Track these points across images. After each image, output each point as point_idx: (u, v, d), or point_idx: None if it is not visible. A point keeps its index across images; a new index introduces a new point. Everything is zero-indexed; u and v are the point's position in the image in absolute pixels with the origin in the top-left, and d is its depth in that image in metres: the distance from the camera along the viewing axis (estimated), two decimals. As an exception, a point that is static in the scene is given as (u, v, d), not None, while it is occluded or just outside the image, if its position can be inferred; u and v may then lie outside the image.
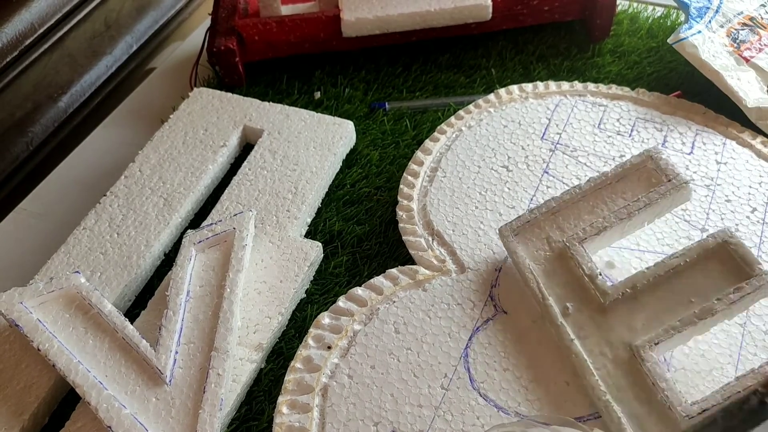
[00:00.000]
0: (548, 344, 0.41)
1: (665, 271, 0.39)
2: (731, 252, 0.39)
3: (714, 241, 0.39)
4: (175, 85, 0.66)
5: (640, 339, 0.38)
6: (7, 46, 0.60)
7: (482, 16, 0.61)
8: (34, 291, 0.43)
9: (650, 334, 0.38)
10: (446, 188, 0.50)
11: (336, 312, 0.43)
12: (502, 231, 0.44)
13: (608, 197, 0.44)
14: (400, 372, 0.40)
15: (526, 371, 0.40)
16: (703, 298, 0.38)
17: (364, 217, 0.52)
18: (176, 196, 0.51)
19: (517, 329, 0.42)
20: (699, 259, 0.39)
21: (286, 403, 0.39)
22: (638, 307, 0.39)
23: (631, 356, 0.38)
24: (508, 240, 0.44)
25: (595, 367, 0.38)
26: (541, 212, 0.44)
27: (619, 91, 0.57)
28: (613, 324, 0.39)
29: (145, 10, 0.76)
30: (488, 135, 0.54)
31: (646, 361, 0.37)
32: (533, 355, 0.41)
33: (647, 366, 0.37)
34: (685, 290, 0.39)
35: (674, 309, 0.38)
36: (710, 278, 0.38)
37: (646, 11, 0.68)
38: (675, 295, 0.39)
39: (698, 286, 0.38)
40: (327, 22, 0.61)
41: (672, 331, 0.37)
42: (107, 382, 0.40)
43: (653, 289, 0.39)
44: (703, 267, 0.39)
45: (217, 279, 0.44)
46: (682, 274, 0.39)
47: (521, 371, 0.40)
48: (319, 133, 0.55)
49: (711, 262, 0.39)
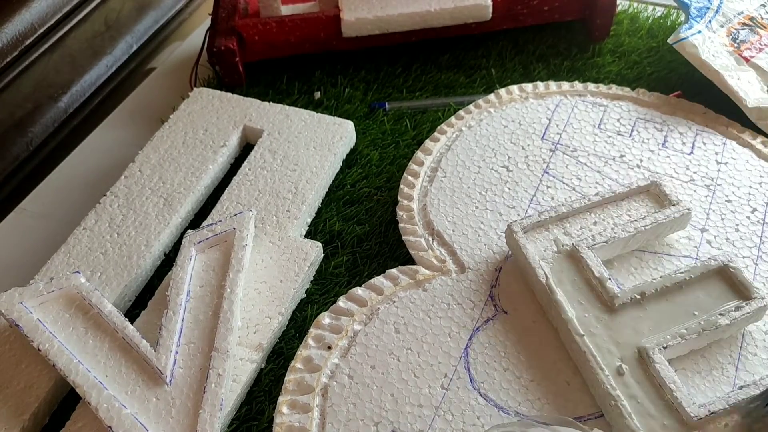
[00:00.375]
0: (548, 344, 0.41)
1: (672, 284, 0.41)
2: (731, 275, 0.41)
3: (716, 264, 0.42)
4: (175, 85, 0.66)
5: (648, 342, 0.38)
6: (7, 46, 0.60)
7: (482, 16, 0.61)
8: (35, 291, 0.43)
9: (657, 338, 0.39)
10: (446, 188, 0.50)
11: (336, 312, 0.43)
12: (511, 227, 0.44)
13: (614, 212, 0.46)
14: (400, 372, 0.40)
15: (526, 371, 0.40)
16: (704, 312, 0.40)
17: (364, 217, 0.52)
18: (176, 196, 0.51)
19: (518, 329, 0.42)
20: (702, 277, 0.42)
21: (287, 403, 0.39)
22: (644, 314, 0.40)
23: (639, 357, 0.38)
24: (517, 236, 0.44)
25: (604, 363, 0.38)
26: (551, 215, 0.45)
27: (620, 91, 0.57)
28: (620, 326, 0.40)
29: (146, 10, 0.76)
30: (488, 135, 0.54)
31: (655, 362, 0.37)
32: (533, 355, 0.41)
33: (656, 367, 0.37)
34: (688, 304, 0.41)
35: (678, 319, 0.40)
36: (711, 296, 0.41)
37: (647, 11, 0.68)
38: (679, 307, 0.40)
39: (700, 302, 0.41)
40: (327, 22, 0.61)
41: (679, 337, 0.38)
42: (107, 382, 0.40)
43: (659, 298, 0.41)
44: (705, 285, 0.41)
45: (217, 279, 0.44)
46: (686, 288, 0.41)
47: (521, 371, 0.40)
48: (319, 133, 0.55)
49: (712, 281, 0.41)
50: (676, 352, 0.39)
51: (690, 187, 0.49)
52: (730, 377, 0.39)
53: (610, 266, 0.45)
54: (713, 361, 0.40)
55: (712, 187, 0.49)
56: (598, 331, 0.40)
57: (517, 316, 0.43)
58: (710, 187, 0.49)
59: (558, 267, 0.43)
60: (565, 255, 0.43)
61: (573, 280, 0.42)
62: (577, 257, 0.43)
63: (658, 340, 0.38)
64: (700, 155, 0.52)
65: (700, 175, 0.50)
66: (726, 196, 0.49)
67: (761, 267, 0.45)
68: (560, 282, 0.42)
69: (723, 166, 0.51)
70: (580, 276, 0.42)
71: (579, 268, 0.42)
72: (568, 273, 0.42)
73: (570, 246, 0.43)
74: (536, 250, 0.44)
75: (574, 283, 0.42)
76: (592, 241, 0.43)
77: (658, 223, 0.44)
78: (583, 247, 0.43)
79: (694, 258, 0.45)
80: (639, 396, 0.37)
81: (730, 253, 0.45)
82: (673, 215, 0.44)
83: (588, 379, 0.39)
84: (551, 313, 0.42)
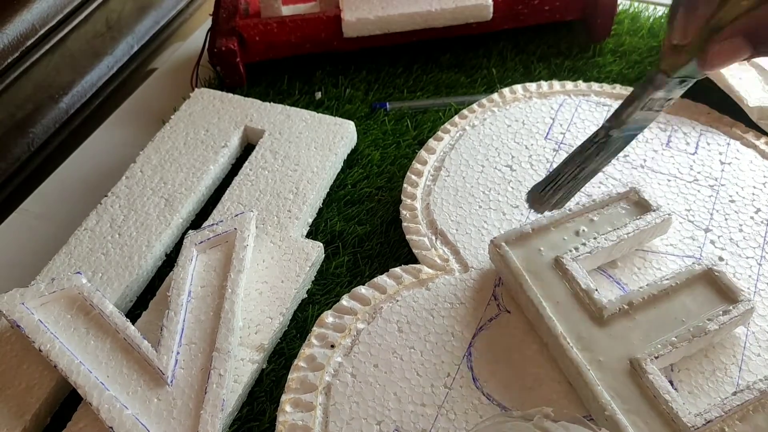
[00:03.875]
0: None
1: (658, 291, 0.41)
2: (715, 278, 0.41)
3: (700, 268, 0.41)
4: (176, 86, 0.65)
5: (639, 352, 0.38)
6: (8, 47, 0.60)
7: (483, 16, 0.61)
8: (36, 292, 0.43)
9: (648, 348, 0.38)
10: (450, 187, 0.50)
11: (339, 311, 0.43)
12: (494, 242, 0.43)
13: (596, 220, 0.45)
14: (403, 371, 0.40)
15: (529, 370, 0.40)
16: (692, 318, 0.39)
17: (365, 217, 0.51)
18: (177, 196, 0.51)
19: (521, 328, 0.42)
20: (688, 282, 0.41)
21: (290, 402, 0.39)
22: (634, 324, 0.40)
23: (631, 369, 0.37)
24: (501, 250, 0.43)
25: (597, 378, 0.37)
26: (533, 227, 0.44)
27: (624, 90, 0.57)
28: (611, 338, 0.39)
29: (146, 10, 0.76)
30: (492, 134, 0.54)
31: (648, 373, 0.37)
32: (537, 355, 0.40)
33: (649, 378, 0.37)
34: (676, 311, 0.40)
35: (667, 327, 0.39)
36: (698, 302, 0.40)
37: (647, 10, 0.68)
38: (667, 315, 0.40)
39: (687, 308, 0.40)
40: (328, 23, 0.61)
41: (670, 346, 0.38)
42: (109, 383, 0.40)
43: (646, 307, 0.40)
44: (691, 290, 0.41)
45: (218, 279, 0.44)
46: (673, 295, 0.41)
47: (525, 370, 0.40)
48: (320, 134, 0.55)
49: (698, 286, 0.41)
50: (668, 361, 0.39)
51: (694, 187, 0.49)
52: (734, 377, 0.39)
53: (614, 267, 0.45)
54: (716, 361, 0.40)
55: (715, 187, 0.49)
56: (588, 345, 0.39)
57: (521, 315, 0.42)
58: (714, 187, 0.49)
59: (544, 281, 0.42)
60: (549, 267, 0.42)
61: (560, 294, 0.41)
62: (563, 269, 0.42)
63: (649, 350, 0.38)
64: (704, 155, 0.52)
65: (704, 175, 0.50)
66: (730, 196, 0.49)
67: (765, 267, 0.44)
68: (547, 297, 0.41)
69: (727, 166, 0.51)
70: (567, 288, 0.41)
71: (566, 280, 0.41)
72: (554, 286, 0.41)
73: (554, 258, 0.42)
74: (521, 264, 0.43)
75: (562, 296, 0.41)
76: (576, 252, 0.42)
77: (640, 230, 0.44)
78: (568, 259, 0.42)
79: (698, 258, 0.45)
80: (634, 409, 0.36)
81: (734, 253, 0.45)
82: (654, 221, 0.44)
83: (582, 395, 0.38)
84: (541, 328, 0.41)
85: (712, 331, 0.38)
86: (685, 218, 0.47)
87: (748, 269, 0.44)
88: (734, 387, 0.39)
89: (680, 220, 0.47)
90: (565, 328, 0.39)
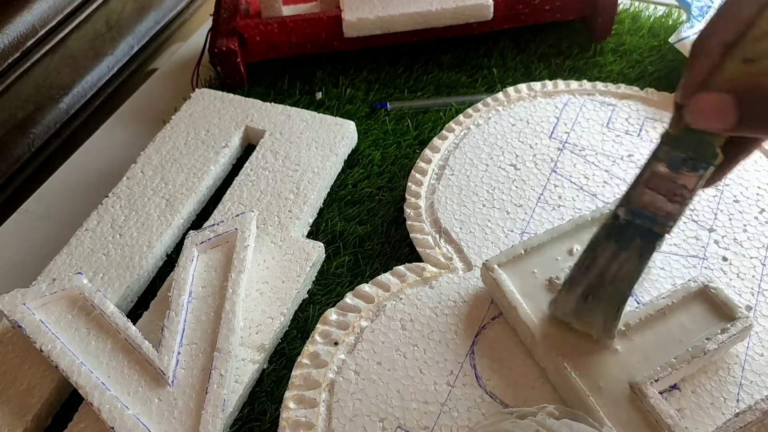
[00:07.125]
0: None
1: (655, 311, 0.40)
2: (712, 296, 0.40)
3: (696, 285, 0.41)
4: (177, 86, 0.65)
5: (639, 376, 0.37)
6: (8, 47, 0.60)
7: (483, 15, 0.61)
8: (37, 292, 0.43)
9: (647, 371, 0.37)
10: (454, 186, 0.50)
11: (343, 308, 0.43)
12: (486, 265, 0.42)
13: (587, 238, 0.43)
14: (406, 368, 0.40)
15: (532, 369, 0.40)
16: (690, 337, 0.39)
17: (366, 217, 0.51)
18: (178, 196, 0.51)
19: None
20: (684, 301, 0.40)
21: (293, 398, 0.39)
22: (632, 346, 0.39)
23: (631, 393, 0.37)
24: (494, 273, 0.42)
25: (598, 405, 0.36)
26: (525, 248, 0.43)
27: (628, 90, 0.57)
28: (609, 362, 0.38)
29: (147, 11, 0.76)
30: (496, 133, 0.54)
31: (649, 398, 0.36)
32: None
33: (650, 402, 0.36)
34: (674, 330, 0.39)
35: (666, 349, 0.38)
36: (695, 321, 0.40)
37: (648, 10, 0.68)
38: (665, 336, 0.39)
39: (685, 327, 0.39)
40: (328, 23, 0.61)
41: (669, 368, 0.37)
42: (110, 383, 0.40)
43: (643, 328, 0.39)
44: (687, 309, 0.40)
45: (219, 280, 0.44)
46: (669, 315, 0.40)
47: (527, 369, 0.40)
48: (321, 134, 0.55)
49: (694, 304, 0.40)
50: (668, 383, 0.38)
51: (696, 186, 0.49)
52: (737, 377, 0.39)
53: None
54: (720, 361, 0.39)
55: (720, 187, 0.49)
56: (587, 370, 0.38)
57: (523, 314, 0.42)
58: (718, 186, 0.49)
59: (540, 304, 0.40)
60: (543, 288, 0.41)
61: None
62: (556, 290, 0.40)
63: (648, 373, 0.37)
64: (706, 154, 0.51)
65: (706, 173, 0.50)
66: (734, 196, 0.49)
67: (768, 266, 0.44)
68: (543, 320, 0.40)
69: (729, 164, 0.50)
70: None
71: None
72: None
73: (548, 279, 0.42)
74: (516, 287, 0.41)
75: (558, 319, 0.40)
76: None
77: None
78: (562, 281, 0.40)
79: (702, 258, 0.45)
80: None
81: (738, 253, 0.45)
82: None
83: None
84: (538, 354, 0.40)
85: (711, 350, 0.38)
86: (689, 218, 0.47)
87: (752, 269, 0.44)
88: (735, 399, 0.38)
89: (684, 220, 0.47)
90: (564, 354, 0.38)
